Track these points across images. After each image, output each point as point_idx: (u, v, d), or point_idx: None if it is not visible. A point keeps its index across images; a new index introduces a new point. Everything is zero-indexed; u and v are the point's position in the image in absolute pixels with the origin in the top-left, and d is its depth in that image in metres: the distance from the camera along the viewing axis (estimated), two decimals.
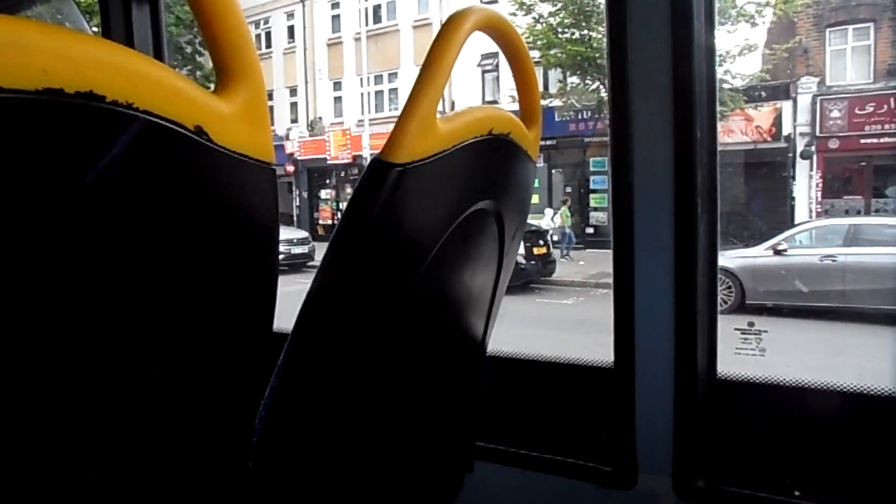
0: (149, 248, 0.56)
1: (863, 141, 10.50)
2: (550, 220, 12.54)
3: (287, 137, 17.62)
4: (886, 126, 10.22)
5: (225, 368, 0.71)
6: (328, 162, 16.61)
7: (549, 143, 13.07)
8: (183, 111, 0.54)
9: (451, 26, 0.81)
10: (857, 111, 10.55)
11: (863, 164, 10.72)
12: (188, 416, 0.69)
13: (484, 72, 14.10)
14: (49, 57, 0.45)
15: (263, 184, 0.65)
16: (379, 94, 16.32)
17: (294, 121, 18.16)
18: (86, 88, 0.47)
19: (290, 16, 18.19)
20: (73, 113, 0.47)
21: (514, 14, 11.30)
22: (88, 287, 0.53)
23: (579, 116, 13.11)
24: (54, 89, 0.45)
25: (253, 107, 0.62)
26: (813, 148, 10.98)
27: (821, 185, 10.89)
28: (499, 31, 0.96)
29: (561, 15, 11.82)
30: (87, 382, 0.57)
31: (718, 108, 1.31)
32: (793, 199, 11.02)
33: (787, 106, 11.34)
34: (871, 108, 10.37)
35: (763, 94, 11.44)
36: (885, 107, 10.23)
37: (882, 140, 10.28)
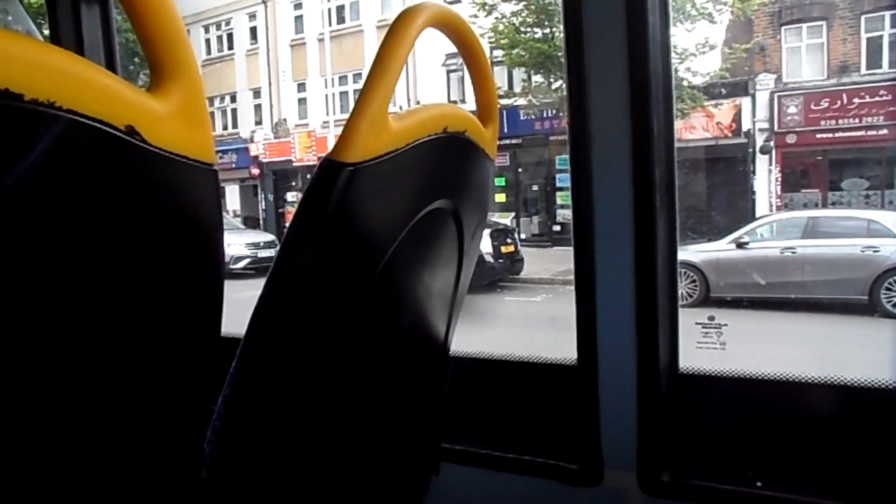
0: (81, 253, 0.53)
1: (818, 136, 10.77)
2: None
3: (252, 140, 17.38)
4: (840, 121, 10.51)
5: (171, 375, 0.69)
6: (294, 164, 16.42)
7: (514, 141, 13.13)
8: (111, 110, 0.51)
9: (402, 22, 0.80)
10: (812, 107, 10.82)
11: (819, 158, 11.01)
12: (134, 426, 0.66)
13: (449, 72, 14.10)
14: None
15: (204, 185, 0.63)
16: (343, 94, 16.18)
17: (258, 123, 17.92)
18: (0, 86, 0.44)
19: (253, 17, 17.94)
20: None
21: (476, 15, 11.30)
22: (16, 294, 0.50)
23: (544, 115, 13.19)
24: None
25: (190, 105, 0.59)
26: (771, 143, 11.23)
27: (780, 179, 11.15)
28: (452, 28, 0.95)
29: (523, 14, 11.88)
30: (18, 394, 0.54)
31: (680, 107, 1.32)
32: (753, 193, 11.25)
33: (746, 102, 11.58)
34: (826, 104, 10.66)
35: (723, 91, 11.65)
36: (839, 102, 10.52)
37: (836, 135, 10.56)
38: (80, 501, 0.63)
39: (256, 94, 18.02)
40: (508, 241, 9.93)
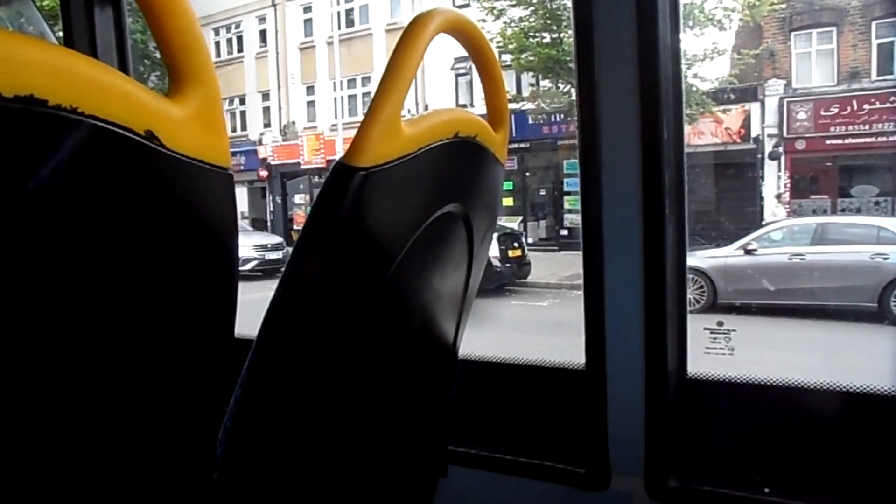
0: (99, 257, 0.54)
1: (828, 142, 10.72)
2: None
3: (260, 142, 17.45)
4: (850, 127, 10.45)
5: (185, 377, 0.69)
6: (302, 167, 16.49)
7: (522, 146, 13.13)
8: (132, 115, 0.52)
9: (415, 28, 0.80)
10: (822, 113, 10.77)
11: (828, 164, 10.94)
12: (147, 427, 0.67)
13: (457, 76, 14.12)
14: None
15: (220, 189, 0.64)
16: (352, 98, 16.24)
17: (267, 125, 18.00)
18: (25, 92, 0.45)
19: (262, 20, 18.03)
20: (12, 118, 0.45)
21: (485, 20, 11.32)
22: (34, 296, 0.51)
23: (552, 119, 13.19)
24: None
25: (207, 110, 0.60)
26: (780, 149, 11.17)
27: (789, 185, 11.09)
28: (464, 33, 0.95)
29: (532, 19, 11.89)
30: (37, 395, 0.54)
31: (687, 112, 1.33)
32: (762, 199, 11.19)
33: (755, 108, 11.54)
34: (836, 110, 10.60)
35: (732, 96, 11.61)
36: (849, 108, 10.46)
37: (846, 141, 10.51)
38: (95, 500, 0.64)
39: (265, 96, 18.10)
40: (516, 245, 9.92)
